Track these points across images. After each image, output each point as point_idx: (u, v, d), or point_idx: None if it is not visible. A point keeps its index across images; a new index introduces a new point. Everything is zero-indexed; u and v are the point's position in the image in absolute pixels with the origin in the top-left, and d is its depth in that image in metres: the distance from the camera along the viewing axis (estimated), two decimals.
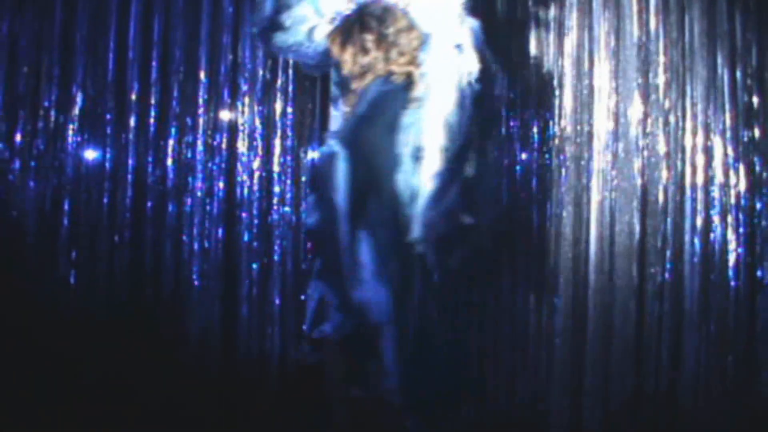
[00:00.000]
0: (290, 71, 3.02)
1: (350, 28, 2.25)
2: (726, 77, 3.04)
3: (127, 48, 3.03)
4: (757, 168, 3.04)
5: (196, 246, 3.02)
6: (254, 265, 3.00)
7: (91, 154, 3.05)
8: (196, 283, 3.02)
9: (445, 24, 2.21)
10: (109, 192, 3.03)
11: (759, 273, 3.03)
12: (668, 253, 3.01)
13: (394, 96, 2.21)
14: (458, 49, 2.20)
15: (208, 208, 3.02)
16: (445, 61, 2.18)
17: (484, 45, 2.28)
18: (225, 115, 3.05)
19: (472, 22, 2.26)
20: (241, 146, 3.04)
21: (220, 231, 3.02)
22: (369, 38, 2.22)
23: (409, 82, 2.22)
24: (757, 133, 3.04)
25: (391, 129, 2.17)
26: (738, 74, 3.04)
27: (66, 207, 3.02)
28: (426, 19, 2.23)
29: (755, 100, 3.05)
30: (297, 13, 2.32)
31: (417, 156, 2.14)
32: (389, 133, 2.17)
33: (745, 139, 3.04)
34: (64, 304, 3.00)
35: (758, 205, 3.05)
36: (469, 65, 2.19)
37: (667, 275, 3.01)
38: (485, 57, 2.27)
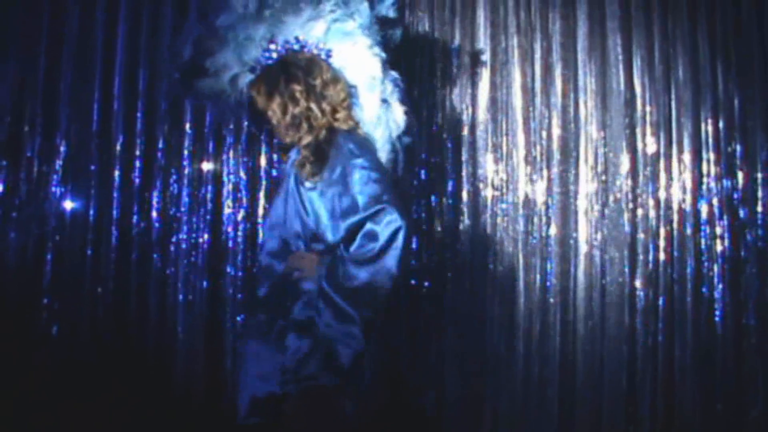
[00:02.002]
0: None
1: (275, 78, 2.18)
2: (710, 127, 3.07)
3: (112, 98, 3.02)
4: (741, 217, 3.06)
5: (180, 298, 2.98)
6: (238, 318, 2.96)
7: (74, 205, 3.02)
8: (180, 335, 2.98)
9: (369, 76, 2.20)
10: (93, 243, 2.99)
11: (744, 320, 3.04)
12: (659, 303, 3.01)
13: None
14: (385, 103, 2.19)
15: (192, 260, 3.00)
16: (375, 116, 2.18)
17: (407, 98, 2.28)
18: (210, 167, 3.03)
19: (395, 75, 2.26)
20: (226, 198, 3.02)
21: (204, 283, 2.99)
22: (297, 88, 2.15)
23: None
24: (740, 183, 3.06)
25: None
26: (721, 124, 3.07)
27: (48, 258, 2.98)
28: (349, 72, 2.21)
29: (738, 148, 3.08)
30: (218, 60, 2.25)
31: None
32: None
33: (729, 187, 3.06)
34: (45, 356, 2.95)
35: (742, 254, 3.06)
36: (397, 118, 2.19)
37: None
38: (409, 110, 2.28)
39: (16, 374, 2.86)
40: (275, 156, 2.97)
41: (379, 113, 2.18)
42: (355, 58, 2.20)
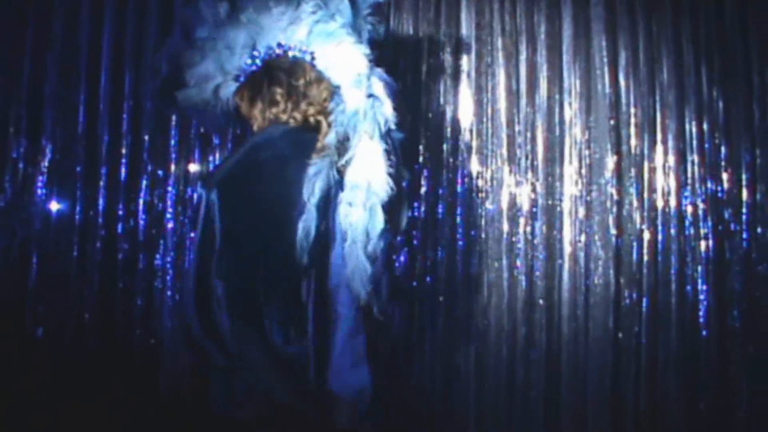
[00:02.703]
0: None
1: (259, 84, 2.19)
2: (694, 129, 3.09)
3: (98, 100, 3.01)
4: (726, 218, 3.08)
5: (167, 299, 2.98)
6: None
7: (60, 206, 3.01)
8: (167, 336, 2.97)
9: (354, 74, 2.16)
10: (79, 245, 2.98)
11: (728, 321, 3.06)
12: (643, 305, 3.03)
13: (299, 143, 2.12)
14: (371, 98, 2.15)
15: (179, 261, 2.99)
16: (361, 110, 2.13)
17: (396, 93, 2.27)
18: (196, 168, 3.02)
19: (381, 73, 2.25)
20: None
21: (191, 284, 2.98)
22: (278, 91, 2.16)
23: (315, 130, 2.14)
24: (725, 184, 3.08)
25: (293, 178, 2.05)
26: (705, 126, 3.09)
27: (34, 260, 2.98)
28: (334, 71, 2.20)
29: (722, 150, 3.10)
30: (200, 71, 2.26)
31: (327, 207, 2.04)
32: (291, 182, 2.05)
33: (714, 189, 3.08)
34: (31, 359, 2.94)
35: (727, 255, 3.08)
36: (386, 113, 2.18)
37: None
38: (399, 105, 2.26)
39: (1, 377, 2.85)
40: None
41: (366, 108, 2.18)
42: (340, 57, 2.19)
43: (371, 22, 2.31)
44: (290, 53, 2.21)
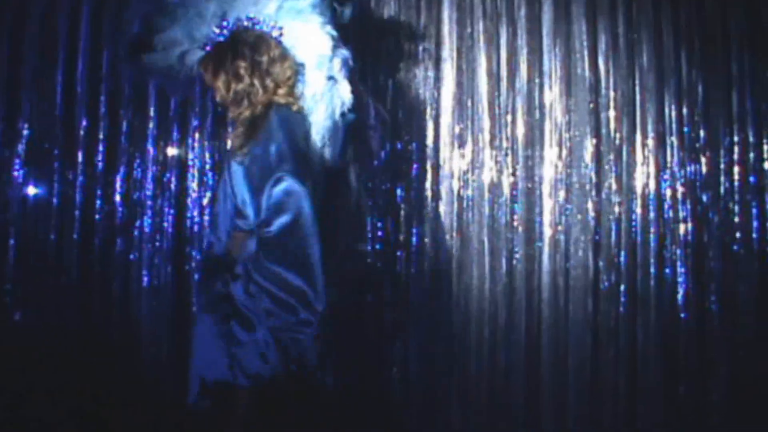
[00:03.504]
0: None
1: (223, 56, 2.19)
2: (674, 113, 3.10)
3: (75, 82, 2.98)
4: (704, 201, 3.10)
5: (144, 283, 2.96)
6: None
7: (37, 190, 2.99)
8: (144, 321, 2.96)
9: (317, 54, 2.21)
10: (56, 228, 2.96)
11: (706, 304, 3.08)
12: (622, 287, 3.04)
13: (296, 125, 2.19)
14: (331, 80, 2.21)
15: (157, 244, 2.98)
16: (318, 92, 2.19)
17: (356, 76, 2.30)
18: (174, 151, 3.01)
19: (345, 53, 2.27)
20: (191, 181, 3.01)
21: (168, 268, 2.98)
22: (242, 65, 2.16)
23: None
24: (704, 168, 3.10)
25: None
26: (685, 110, 3.10)
27: (11, 243, 2.95)
28: (299, 49, 2.22)
29: (702, 134, 3.11)
30: (168, 36, 2.26)
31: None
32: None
33: (693, 172, 3.10)
34: (9, 343, 2.92)
35: (705, 238, 3.10)
36: (343, 96, 2.20)
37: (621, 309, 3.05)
38: (358, 87, 2.31)
39: None
40: None
41: (324, 90, 2.19)
42: (306, 36, 2.21)
43: (341, 2, 2.31)
44: (258, 27, 2.21)
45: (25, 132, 2.97)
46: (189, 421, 2.87)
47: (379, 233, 3.03)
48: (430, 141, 3.08)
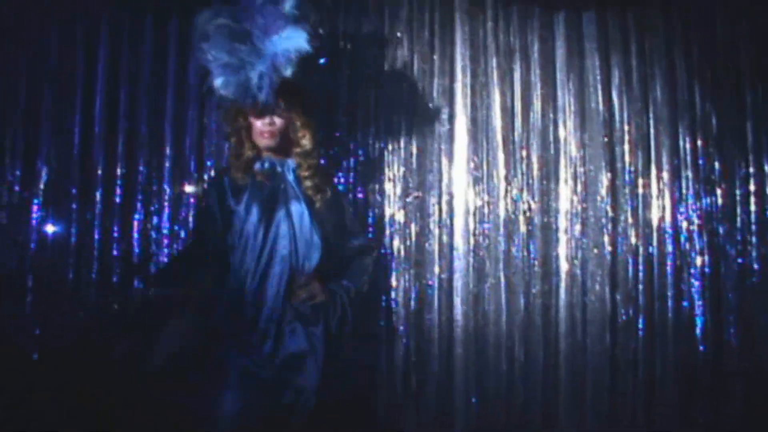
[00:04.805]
0: None
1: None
2: (688, 145, 3.10)
3: (93, 122, 3.01)
4: (721, 233, 3.09)
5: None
6: None
7: (55, 229, 3.01)
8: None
9: None
10: (74, 267, 2.97)
11: (725, 336, 3.06)
12: (639, 320, 3.03)
13: None
14: None
15: None
16: None
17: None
18: (190, 189, 3.02)
19: None
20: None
21: None
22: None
23: None
24: (719, 200, 3.09)
25: None
26: (699, 142, 3.10)
27: (30, 282, 2.96)
28: None
29: (716, 166, 3.11)
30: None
31: None
32: None
33: (708, 204, 3.09)
34: (27, 382, 2.92)
35: (722, 269, 3.09)
36: None
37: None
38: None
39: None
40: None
41: None
42: None
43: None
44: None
45: (44, 172, 2.99)
46: None
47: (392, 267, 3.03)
48: (445, 177, 3.08)
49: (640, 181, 3.09)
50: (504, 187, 3.07)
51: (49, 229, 3.01)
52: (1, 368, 2.90)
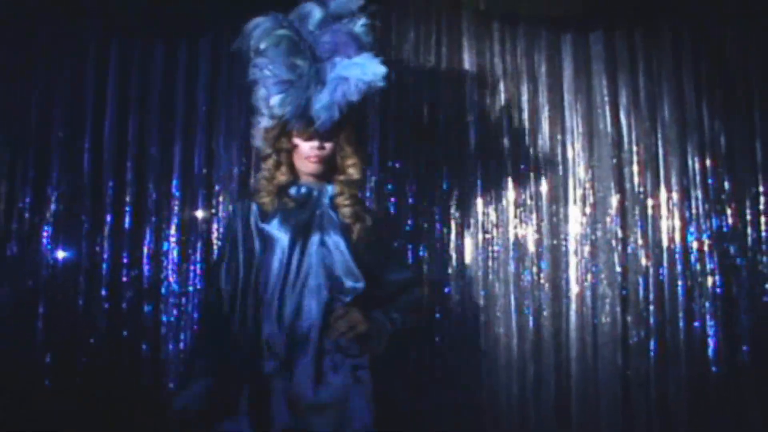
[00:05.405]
0: None
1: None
2: (697, 165, 3.09)
3: (103, 149, 3.03)
4: (732, 253, 3.07)
5: (171, 347, 2.96)
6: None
7: (66, 256, 3.02)
8: (171, 385, 2.96)
9: None
10: (84, 294, 2.97)
11: (738, 356, 3.04)
12: (651, 342, 3.01)
13: None
14: None
15: (184, 308, 2.99)
16: None
17: None
18: (200, 214, 3.03)
19: None
20: (217, 245, 3.01)
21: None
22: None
23: None
24: (730, 219, 3.07)
25: None
26: (708, 162, 3.09)
27: (41, 308, 2.97)
28: None
29: (726, 185, 3.10)
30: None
31: None
32: None
33: (718, 224, 3.08)
34: (39, 409, 2.92)
35: (734, 290, 3.06)
36: None
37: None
38: None
39: (10, 428, 2.84)
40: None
41: None
42: None
43: None
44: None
45: (54, 198, 3.01)
46: None
47: None
48: (453, 198, 3.08)
49: (650, 202, 3.08)
50: (513, 210, 3.07)
51: (60, 255, 3.02)
52: (14, 395, 2.91)
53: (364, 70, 2.24)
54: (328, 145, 2.34)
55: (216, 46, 3.07)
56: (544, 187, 3.09)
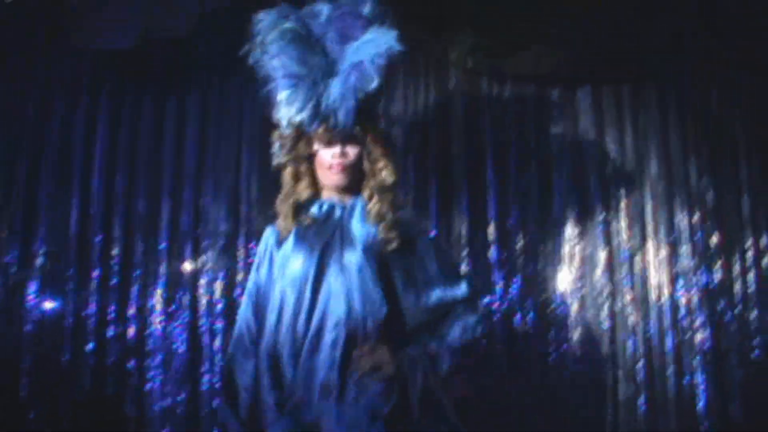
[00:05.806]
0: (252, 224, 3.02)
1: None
2: (685, 220, 3.09)
3: (90, 202, 3.03)
4: (720, 307, 3.06)
5: (156, 407, 2.93)
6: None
7: (52, 310, 3.00)
8: None
9: None
10: (70, 350, 2.95)
11: (728, 410, 3.01)
12: (641, 398, 2.99)
13: None
14: None
15: (169, 367, 2.96)
16: None
17: None
18: (187, 269, 3.02)
19: None
20: (204, 301, 3.00)
21: (181, 388, 2.94)
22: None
23: None
24: (718, 274, 3.07)
25: None
26: (696, 217, 3.09)
27: (25, 362, 2.94)
28: None
29: (714, 240, 3.10)
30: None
31: None
32: None
33: (707, 280, 3.07)
34: None
35: (723, 345, 3.05)
36: None
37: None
38: None
39: None
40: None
41: None
42: None
43: None
44: None
45: (41, 252, 3.00)
46: None
47: None
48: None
49: (638, 258, 3.08)
50: (499, 268, 3.05)
51: (45, 309, 3.00)
52: None
53: (377, 44, 2.03)
54: (351, 151, 2.08)
55: (205, 101, 3.09)
56: (530, 244, 3.07)
